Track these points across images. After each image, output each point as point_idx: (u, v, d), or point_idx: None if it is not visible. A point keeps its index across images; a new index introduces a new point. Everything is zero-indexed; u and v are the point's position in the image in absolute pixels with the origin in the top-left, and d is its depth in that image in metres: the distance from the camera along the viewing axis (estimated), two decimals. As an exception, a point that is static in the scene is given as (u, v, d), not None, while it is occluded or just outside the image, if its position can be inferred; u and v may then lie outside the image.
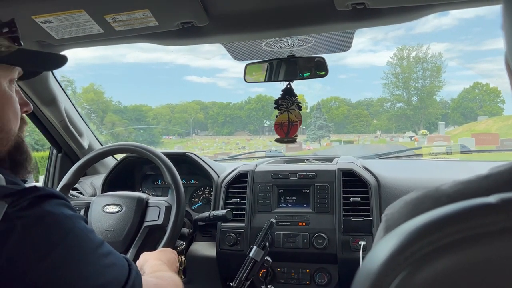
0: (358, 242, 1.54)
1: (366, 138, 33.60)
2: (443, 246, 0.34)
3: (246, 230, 1.70)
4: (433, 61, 40.43)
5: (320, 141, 32.14)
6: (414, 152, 2.48)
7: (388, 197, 1.63)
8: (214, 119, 40.78)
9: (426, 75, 40.10)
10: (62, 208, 0.67)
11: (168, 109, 41.62)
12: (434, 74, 39.97)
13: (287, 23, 1.31)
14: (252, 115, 40.28)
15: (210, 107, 42.38)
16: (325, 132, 34.12)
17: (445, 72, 40.62)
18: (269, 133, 37.43)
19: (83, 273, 0.65)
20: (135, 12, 1.20)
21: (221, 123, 40.38)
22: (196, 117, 40.16)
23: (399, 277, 0.34)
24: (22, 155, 0.83)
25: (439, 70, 40.04)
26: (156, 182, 2.12)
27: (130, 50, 62.66)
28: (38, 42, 1.45)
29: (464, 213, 0.35)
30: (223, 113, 40.69)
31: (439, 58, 40.79)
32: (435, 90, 39.74)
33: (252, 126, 40.25)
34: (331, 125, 36.50)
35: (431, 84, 39.73)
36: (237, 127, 39.85)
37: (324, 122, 34.30)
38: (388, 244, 0.37)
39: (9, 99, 0.79)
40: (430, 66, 40.32)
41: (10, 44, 0.75)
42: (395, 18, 1.25)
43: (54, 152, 2.14)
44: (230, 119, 40.46)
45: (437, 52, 53.96)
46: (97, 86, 40.85)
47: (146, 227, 1.45)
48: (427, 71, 40.23)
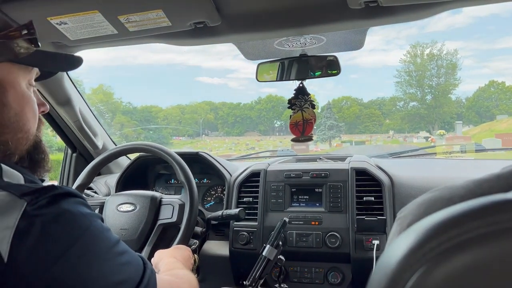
0: (372, 241, 1.53)
1: (379, 138, 32.43)
2: (462, 242, 0.34)
3: (259, 229, 1.70)
4: (448, 58, 38.69)
5: (331, 141, 31.18)
6: (427, 150, 2.45)
7: (402, 196, 1.62)
8: (224, 120, 40.26)
9: (440, 73, 38.41)
10: (80, 206, 0.68)
11: (178, 110, 41.34)
12: (449, 72, 38.26)
13: (299, 22, 1.31)
14: (263, 115, 39.71)
15: (220, 107, 41.85)
16: (336, 133, 33.09)
17: (460, 70, 38.76)
18: (280, 133, 36.85)
19: (99, 270, 0.66)
20: (149, 12, 1.20)
21: (231, 124, 39.88)
22: (206, 117, 39.78)
23: (417, 273, 0.34)
24: (40, 154, 0.85)
25: (454, 67, 38.28)
26: (169, 181, 2.13)
27: (142, 51, 63.08)
28: (53, 43, 1.47)
29: (484, 209, 0.35)
30: (233, 113, 40.08)
31: (455, 55, 38.91)
32: (450, 88, 38.11)
33: (263, 127, 39.66)
34: (342, 125, 35.40)
35: (446, 82, 38.08)
36: (247, 128, 39.39)
37: (334, 122, 33.24)
38: (405, 240, 0.37)
39: (28, 100, 0.80)
40: (445, 64, 38.62)
41: (28, 45, 0.76)
42: (408, 15, 1.24)
43: (68, 152, 2.17)
44: (240, 120, 39.90)
45: (452, 49, 50.64)
46: (106, 87, 40.83)
47: (160, 225, 1.46)
48: (441, 69, 38.50)
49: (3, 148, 0.75)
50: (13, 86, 0.77)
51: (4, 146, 0.75)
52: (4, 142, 0.75)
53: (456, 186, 0.49)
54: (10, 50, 0.73)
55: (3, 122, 0.75)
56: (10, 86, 0.76)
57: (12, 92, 0.76)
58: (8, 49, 0.73)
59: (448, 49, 42.27)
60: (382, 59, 53.97)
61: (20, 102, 0.78)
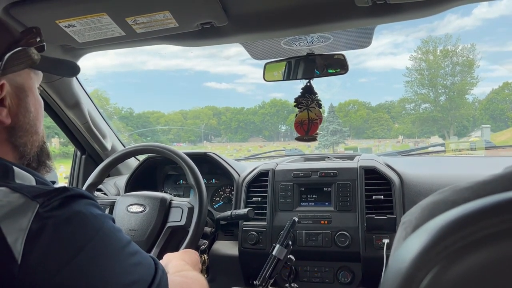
0: (382, 240, 1.52)
1: (387, 143, 29.02)
2: (477, 240, 0.33)
3: (268, 229, 1.70)
4: (464, 54, 33.04)
5: (334, 148, 28.44)
6: (437, 148, 2.43)
7: (412, 194, 1.61)
8: (227, 125, 38.61)
9: (456, 71, 33.24)
10: (91, 208, 0.68)
11: (181, 115, 40.33)
12: (466, 70, 32.90)
13: (306, 21, 1.31)
14: (266, 120, 38.07)
15: (224, 112, 40.32)
16: (339, 138, 29.73)
17: (478, 67, 33.17)
18: (285, 139, 35.40)
19: (111, 271, 0.66)
20: (156, 14, 1.21)
21: (234, 129, 38.59)
22: (209, 123, 38.88)
23: (432, 272, 0.34)
24: (45, 156, 0.89)
25: (471, 64, 32.68)
26: (178, 182, 2.14)
27: (151, 57, 63.21)
28: (61, 46, 1.48)
29: (499, 207, 0.35)
30: (236, 118, 38.45)
31: (472, 50, 32.98)
32: (467, 88, 32.84)
33: (267, 132, 38.01)
34: (346, 129, 32.32)
35: (462, 81, 32.95)
36: (251, 133, 38.10)
37: (338, 126, 29.91)
38: (419, 239, 0.36)
39: (40, 103, 0.85)
40: (461, 60, 33.17)
41: (37, 52, 0.79)
42: (415, 13, 1.23)
43: (78, 154, 2.18)
44: (244, 125, 38.31)
45: (469, 44, 44.73)
46: (101, 92, 40.21)
47: (169, 227, 1.47)
48: (457, 66, 33.27)
49: (22, 150, 0.80)
50: (32, 91, 0.82)
51: (23, 148, 0.80)
52: (23, 144, 0.80)
53: (460, 188, 0.48)
54: (29, 57, 0.77)
55: (24, 125, 0.79)
56: (30, 91, 0.81)
57: (31, 97, 0.81)
58: (27, 56, 0.77)
59: (464, 44, 37.80)
60: (391, 63, 53.14)
61: (36, 106, 0.83)
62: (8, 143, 0.78)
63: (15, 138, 0.78)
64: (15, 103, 0.77)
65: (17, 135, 0.79)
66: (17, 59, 0.76)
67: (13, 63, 0.75)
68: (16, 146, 0.79)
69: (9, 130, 0.77)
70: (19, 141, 0.79)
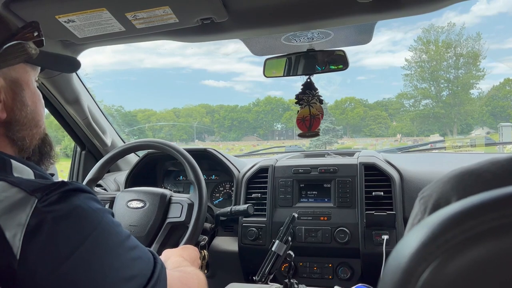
0: (381, 236, 1.53)
1: (385, 142, 26.68)
2: (477, 234, 0.33)
3: (268, 225, 1.70)
4: (468, 45, 29.29)
5: (326, 148, 27.88)
6: (437, 145, 2.43)
7: (411, 191, 1.61)
8: (221, 123, 37.04)
9: (460, 63, 29.54)
10: (90, 202, 0.68)
11: (173, 113, 38.86)
12: (471, 62, 29.17)
13: (306, 17, 1.30)
14: (261, 118, 36.31)
15: (217, 110, 38.26)
16: (332, 137, 28.73)
17: (484, 59, 29.37)
18: (280, 137, 34.27)
19: (111, 265, 0.66)
20: (156, 9, 1.21)
21: (228, 128, 36.58)
22: (201, 121, 37.77)
23: (432, 266, 0.34)
24: (47, 147, 0.89)
25: (476, 56, 29.02)
26: (177, 178, 2.14)
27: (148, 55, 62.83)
28: (61, 42, 1.48)
29: (499, 201, 0.35)
30: (230, 116, 36.80)
31: (477, 40, 29.09)
32: (472, 82, 29.13)
33: (262, 130, 36.36)
34: (339, 128, 29.42)
35: (467, 74, 29.41)
36: (245, 132, 36.91)
37: (330, 125, 28.41)
38: (419, 233, 0.36)
39: (39, 97, 0.85)
40: (465, 51, 29.51)
41: (36, 46, 0.79)
42: (416, 8, 1.22)
43: (78, 149, 2.18)
44: (237, 123, 36.79)
45: (474, 32, 38.37)
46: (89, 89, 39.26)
47: (169, 223, 1.47)
48: (461, 58, 29.55)
49: (20, 144, 0.80)
50: (28, 85, 0.82)
51: (21, 142, 0.80)
52: (22, 138, 0.80)
53: (484, 162, 0.48)
54: (25, 51, 0.77)
55: (21, 119, 0.79)
56: (26, 85, 0.81)
57: (28, 91, 0.81)
58: (23, 51, 0.77)
59: (469, 33, 32.45)
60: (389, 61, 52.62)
61: (33, 100, 0.83)
62: (5, 137, 0.78)
63: (12, 132, 0.78)
64: (10, 97, 0.77)
65: (14, 129, 0.79)
66: (12, 53, 0.76)
67: (8, 57, 0.75)
68: (14, 140, 0.79)
69: (5, 124, 0.77)
70: (17, 135, 0.79)
